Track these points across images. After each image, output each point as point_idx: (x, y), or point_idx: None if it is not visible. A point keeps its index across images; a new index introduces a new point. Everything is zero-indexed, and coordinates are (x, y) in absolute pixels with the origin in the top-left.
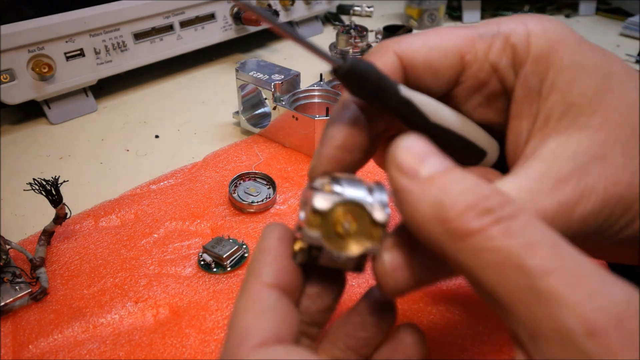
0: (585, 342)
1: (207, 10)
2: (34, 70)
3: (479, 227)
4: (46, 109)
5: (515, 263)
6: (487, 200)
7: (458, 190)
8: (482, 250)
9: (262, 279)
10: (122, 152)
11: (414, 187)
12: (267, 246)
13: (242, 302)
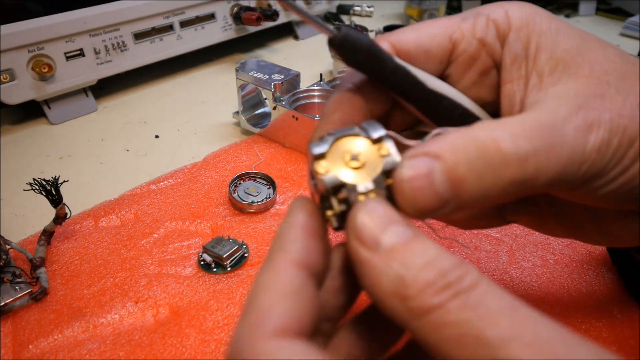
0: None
1: (207, 10)
2: (34, 70)
3: (437, 304)
4: (46, 109)
5: (475, 335)
6: (446, 276)
7: (419, 265)
8: (441, 325)
9: (290, 256)
10: (122, 152)
11: (376, 259)
12: (297, 220)
13: (265, 278)
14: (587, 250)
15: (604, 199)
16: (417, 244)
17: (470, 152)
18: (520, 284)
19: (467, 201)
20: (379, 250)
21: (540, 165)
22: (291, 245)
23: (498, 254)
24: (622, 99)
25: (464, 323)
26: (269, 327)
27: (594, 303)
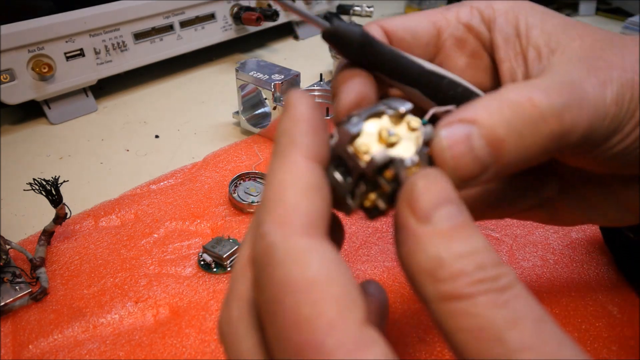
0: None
1: (207, 10)
2: (34, 70)
3: (468, 293)
4: (46, 109)
5: (495, 333)
6: (484, 271)
7: (462, 252)
8: (466, 315)
9: (304, 150)
10: (122, 152)
11: (422, 232)
12: (301, 114)
13: (283, 175)
14: (587, 251)
15: (617, 159)
16: (466, 231)
17: (506, 112)
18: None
19: (508, 163)
20: (428, 225)
21: (574, 118)
22: (302, 139)
23: (498, 254)
24: (620, 58)
25: (488, 319)
26: (298, 223)
27: (594, 303)
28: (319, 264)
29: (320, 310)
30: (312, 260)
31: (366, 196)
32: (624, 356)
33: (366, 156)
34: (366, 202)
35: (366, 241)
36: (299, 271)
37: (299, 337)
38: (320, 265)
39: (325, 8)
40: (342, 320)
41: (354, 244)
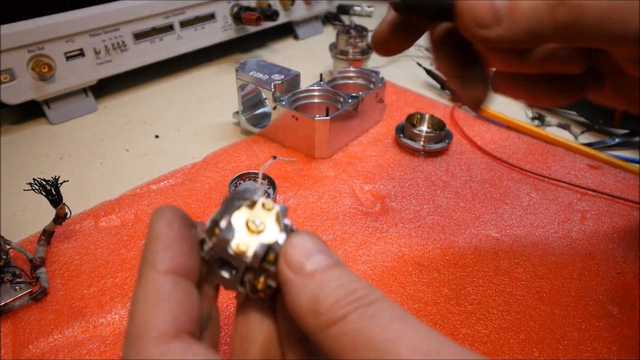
0: None
1: (207, 10)
2: (34, 70)
3: (341, 315)
4: (46, 109)
5: (366, 339)
6: (354, 294)
7: (333, 286)
8: (342, 334)
9: (156, 267)
10: (122, 152)
11: (298, 280)
12: (157, 232)
13: (137, 293)
14: (587, 251)
15: None
16: (335, 270)
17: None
18: (520, 284)
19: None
20: (302, 273)
21: None
22: (155, 257)
23: (498, 254)
24: None
25: (359, 330)
26: (149, 336)
27: (594, 303)
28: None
29: None
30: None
31: (257, 281)
32: (624, 356)
33: (248, 253)
34: (259, 286)
35: (366, 241)
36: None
37: None
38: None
39: (325, 8)
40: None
41: (354, 244)
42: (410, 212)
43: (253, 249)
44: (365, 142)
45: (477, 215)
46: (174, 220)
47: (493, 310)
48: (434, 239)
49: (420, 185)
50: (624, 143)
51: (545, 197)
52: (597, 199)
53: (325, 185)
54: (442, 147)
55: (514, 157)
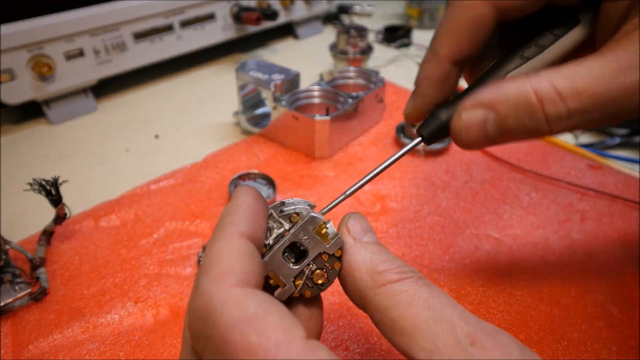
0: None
1: (207, 10)
2: (34, 70)
3: (397, 278)
4: (46, 109)
5: (422, 301)
6: (402, 267)
7: (385, 257)
8: (397, 292)
9: (240, 229)
10: (122, 152)
11: (357, 246)
12: (244, 201)
13: (222, 244)
14: (587, 251)
15: None
16: (382, 247)
17: (519, 107)
18: (520, 284)
19: (510, 139)
20: (360, 240)
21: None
22: (240, 220)
23: (498, 254)
24: None
25: (416, 291)
26: (232, 279)
27: (594, 303)
28: (256, 303)
29: (266, 335)
30: (250, 301)
31: (317, 274)
32: (624, 356)
33: (330, 238)
34: (318, 280)
35: None
36: (239, 311)
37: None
38: (257, 303)
39: (325, 8)
40: (287, 338)
41: None
42: (410, 212)
43: (333, 234)
44: (365, 142)
45: (477, 215)
46: (259, 197)
47: (493, 310)
48: (434, 239)
49: (420, 185)
50: (624, 143)
51: (545, 197)
52: (597, 199)
53: (325, 185)
54: (442, 147)
55: (514, 157)
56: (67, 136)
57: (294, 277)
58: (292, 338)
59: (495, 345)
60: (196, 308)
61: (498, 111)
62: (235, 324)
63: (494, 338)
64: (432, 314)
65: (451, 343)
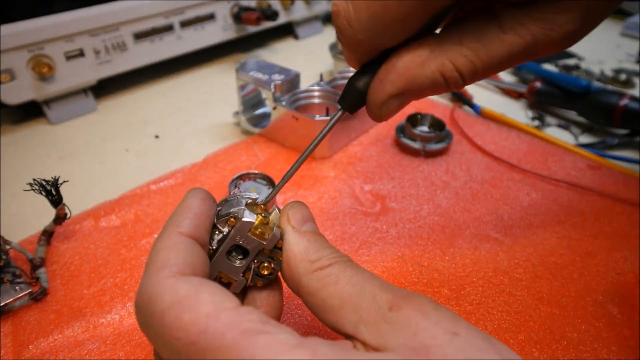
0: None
1: (207, 10)
2: (34, 70)
3: (328, 264)
4: (46, 109)
5: (347, 278)
6: (334, 253)
7: (320, 245)
8: (328, 275)
9: (181, 229)
10: (122, 152)
11: (296, 234)
12: (190, 203)
13: (161, 242)
14: (587, 251)
15: None
16: (320, 236)
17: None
18: (520, 284)
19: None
20: (299, 230)
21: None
22: (181, 221)
23: (498, 254)
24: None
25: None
26: (167, 271)
27: (594, 303)
28: (187, 287)
29: (197, 311)
30: (181, 286)
31: (262, 266)
32: (624, 356)
33: (266, 235)
34: (264, 271)
35: (366, 241)
36: (172, 296)
37: (187, 336)
38: (188, 287)
39: (325, 8)
40: (216, 309)
41: (354, 244)
42: (410, 212)
43: (272, 233)
44: (365, 142)
45: (477, 216)
46: (206, 199)
47: (493, 311)
48: (434, 239)
49: (420, 185)
50: (624, 143)
51: (545, 197)
52: (597, 199)
53: (325, 186)
54: (442, 147)
55: (514, 157)
56: (67, 136)
57: (243, 272)
58: (221, 308)
59: (410, 304)
60: (137, 301)
61: (411, 94)
62: (169, 307)
63: (409, 299)
64: (355, 289)
65: (373, 311)
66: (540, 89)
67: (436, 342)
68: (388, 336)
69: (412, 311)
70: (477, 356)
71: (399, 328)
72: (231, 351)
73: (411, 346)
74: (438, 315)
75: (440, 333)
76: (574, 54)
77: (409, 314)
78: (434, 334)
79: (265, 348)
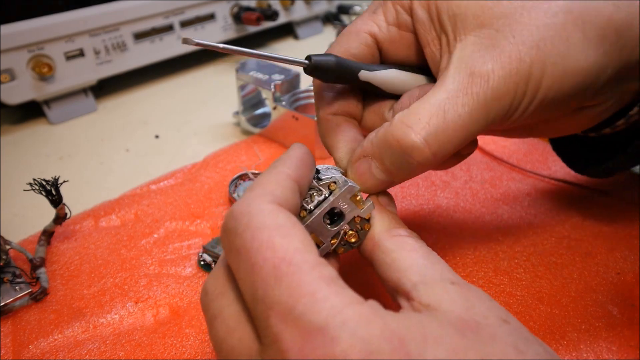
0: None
1: (207, 10)
2: (34, 70)
3: (406, 234)
4: (46, 109)
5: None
6: (413, 232)
7: (400, 222)
8: (404, 242)
9: (289, 171)
10: (122, 152)
11: (382, 209)
12: (295, 153)
13: (268, 175)
14: (586, 251)
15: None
16: (398, 216)
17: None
18: (520, 284)
19: (401, 179)
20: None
21: (441, 146)
22: (289, 164)
23: (498, 254)
24: (509, 47)
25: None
26: (269, 197)
27: (594, 303)
28: (285, 217)
29: (289, 240)
30: (281, 215)
31: (350, 234)
32: (624, 356)
33: (363, 204)
34: (351, 239)
35: None
36: (271, 219)
37: (273, 258)
38: (286, 218)
39: (325, 8)
40: (306, 249)
41: None
42: (410, 212)
43: (368, 203)
44: None
45: (477, 215)
46: (308, 152)
47: None
48: (434, 239)
49: (420, 185)
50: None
51: (545, 197)
52: (597, 199)
53: None
54: None
55: (514, 157)
56: (67, 136)
57: (331, 237)
58: (308, 250)
59: (469, 291)
60: (234, 209)
61: (376, 159)
62: (266, 227)
63: (470, 287)
64: (427, 262)
65: (436, 279)
66: None
67: (487, 321)
68: (443, 300)
69: (470, 293)
70: (523, 344)
71: (455, 298)
72: (306, 287)
73: (463, 317)
74: (492, 304)
75: (493, 316)
76: None
77: (467, 293)
78: (486, 315)
79: (335, 295)
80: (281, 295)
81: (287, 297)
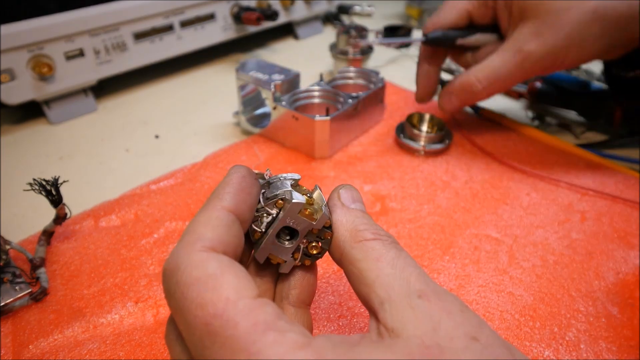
0: (416, 300)
1: (207, 10)
2: (33, 70)
3: (371, 238)
4: (46, 109)
5: (387, 259)
6: (380, 232)
7: (367, 222)
8: (369, 249)
9: (223, 203)
10: (122, 152)
11: (345, 210)
12: (232, 179)
13: (201, 215)
14: (587, 251)
15: None
16: (366, 215)
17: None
18: (520, 284)
19: (466, 105)
20: (348, 207)
21: (492, 91)
22: (224, 195)
23: (498, 254)
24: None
25: (380, 249)
26: (200, 244)
27: (594, 303)
28: (216, 265)
29: (219, 292)
30: (211, 263)
31: (311, 246)
32: (624, 356)
33: (316, 216)
34: (313, 251)
35: None
36: (199, 271)
37: (204, 315)
38: (217, 265)
39: (325, 8)
40: (237, 296)
41: None
42: (410, 212)
43: (321, 213)
44: (365, 142)
45: (477, 215)
46: (248, 176)
47: (493, 311)
48: (434, 239)
49: (420, 185)
50: (624, 143)
51: (545, 197)
52: (597, 199)
53: (325, 186)
54: (442, 147)
55: (514, 157)
56: (67, 136)
57: (292, 252)
58: (241, 296)
59: (439, 301)
60: (165, 267)
61: (455, 94)
62: (194, 282)
63: (440, 296)
64: (393, 271)
65: (402, 293)
66: (541, 89)
67: (452, 344)
68: (407, 322)
69: (438, 307)
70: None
71: (421, 318)
72: (240, 342)
73: (426, 343)
74: (462, 317)
75: (459, 336)
76: None
77: (434, 308)
78: (452, 335)
79: (272, 345)
80: (217, 354)
81: (223, 356)
